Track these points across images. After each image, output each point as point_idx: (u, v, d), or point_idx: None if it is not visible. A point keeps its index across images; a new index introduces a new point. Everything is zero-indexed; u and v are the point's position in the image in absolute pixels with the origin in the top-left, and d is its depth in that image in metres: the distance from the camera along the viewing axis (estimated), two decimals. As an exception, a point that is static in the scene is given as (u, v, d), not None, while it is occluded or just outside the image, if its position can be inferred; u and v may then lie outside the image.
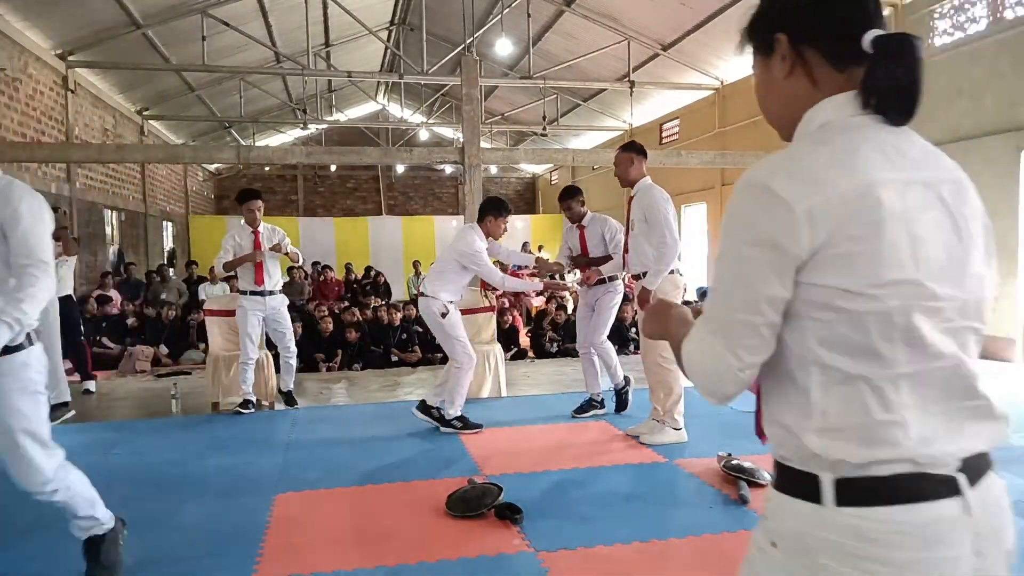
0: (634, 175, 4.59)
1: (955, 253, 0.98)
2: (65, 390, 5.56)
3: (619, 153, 4.70)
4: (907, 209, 0.94)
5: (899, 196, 0.94)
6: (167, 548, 3.01)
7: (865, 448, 0.94)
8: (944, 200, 0.99)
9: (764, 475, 3.66)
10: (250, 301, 5.47)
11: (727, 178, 13.01)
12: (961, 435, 0.98)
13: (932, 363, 0.95)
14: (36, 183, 9.50)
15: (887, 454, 0.93)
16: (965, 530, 0.93)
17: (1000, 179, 7.60)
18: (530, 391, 6.42)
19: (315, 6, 11.90)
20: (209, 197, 22.41)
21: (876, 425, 0.94)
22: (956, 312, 0.97)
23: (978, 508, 0.95)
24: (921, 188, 0.97)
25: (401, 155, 13.47)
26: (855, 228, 0.92)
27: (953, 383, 0.98)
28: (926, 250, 0.94)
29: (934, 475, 0.94)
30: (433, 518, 3.31)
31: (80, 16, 9.65)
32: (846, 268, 0.93)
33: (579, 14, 12.23)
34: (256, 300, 5.47)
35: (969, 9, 8.07)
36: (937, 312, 0.95)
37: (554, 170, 23.66)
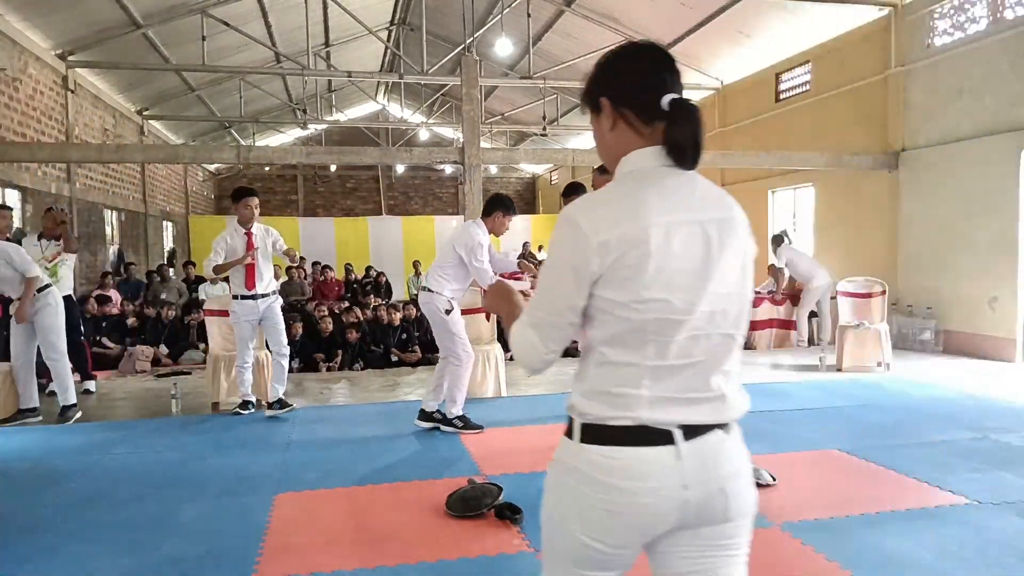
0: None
1: (704, 277, 1.29)
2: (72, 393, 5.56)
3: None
4: (669, 246, 1.26)
5: (665, 236, 1.26)
6: (167, 548, 3.01)
7: (608, 409, 1.29)
8: (708, 235, 1.30)
9: (764, 475, 3.66)
10: (241, 306, 5.30)
11: (727, 178, 13.00)
12: (687, 410, 1.29)
13: (674, 361, 1.28)
14: (36, 183, 9.50)
15: (622, 415, 1.28)
16: (674, 469, 1.27)
17: (1000, 179, 7.60)
18: (530, 391, 6.42)
19: (315, 6, 11.89)
20: (209, 197, 22.41)
21: (620, 395, 1.28)
22: (704, 322, 1.29)
23: (689, 456, 1.27)
24: (688, 227, 1.29)
25: (401, 155, 13.46)
26: (630, 259, 1.25)
27: (688, 376, 1.29)
28: (679, 276, 1.26)
29: (654, 428, 1.27)
30: (433, 518, 3.30)
31: (80, 16, 9.65)
32: (621, 287, 1.25)
33: (579, 14, 12.23)
34: (247, 304, 5.30)
35: (969, 9, 8.07)
36: (682, 322, 1.27)
37: (554, 170, 23.65)
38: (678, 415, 1.28)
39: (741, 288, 1.35)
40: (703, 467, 1.28)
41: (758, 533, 3.06)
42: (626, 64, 1.41)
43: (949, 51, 8.25)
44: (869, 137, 9.45)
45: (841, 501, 3.43)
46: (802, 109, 10.89)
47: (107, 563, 2.88)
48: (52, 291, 5.43)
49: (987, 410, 5.32)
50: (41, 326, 5.35)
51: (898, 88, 8.94)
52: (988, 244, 7.77)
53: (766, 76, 11.77)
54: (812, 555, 2.86)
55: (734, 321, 1.34)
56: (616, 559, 1.32)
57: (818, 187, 10.62)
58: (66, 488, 3.82)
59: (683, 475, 1.27)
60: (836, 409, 5.46)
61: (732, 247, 1.34)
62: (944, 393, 6.01)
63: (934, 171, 8.49)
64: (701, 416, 1.30)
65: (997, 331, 7.73)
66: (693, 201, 1.31)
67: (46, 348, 5.40)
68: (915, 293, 8.78)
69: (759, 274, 11.20)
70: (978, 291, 7.93)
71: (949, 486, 3.61)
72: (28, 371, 5.43)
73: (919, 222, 8.76)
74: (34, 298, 5.25)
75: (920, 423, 4.95)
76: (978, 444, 4.38)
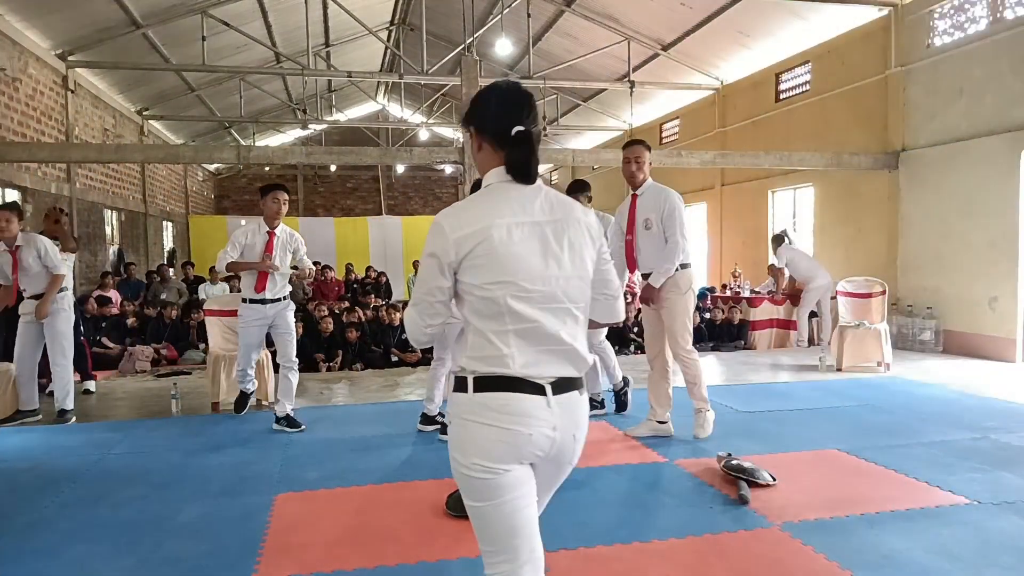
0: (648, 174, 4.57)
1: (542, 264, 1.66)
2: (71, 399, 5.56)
3: (642, 150, 4.51)
4: (511, 241, 1.64)
5: (507, 233, 1.64)
6: (167, 548, 3.01)
7: (488, 367, 1.66)
8: (545, 233, 1.68)
9: (764, 475, 3.66)
10: (250, 309, 4.96)
11: (727, 178, 13.01)
12: (550, 365, 1.67)
13: (526, 324, 1.65)
14: (36, 183, 9.50)
15: (501, 371, 1.64)
16: (546, 415, 1.65)
17: (1000, 179, 7.60)
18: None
19: (315, 6, 11.89)
20: (209, 197, 22.40)
21: (496, 355, 1.65)
22: (544, 298, 1.66)
23: (556, 406, 1.66)
24: (527, 226, 1.67)
25: (401, 155, 13.46)
26: (479, 252, 1.63)
27: (543, 336, 1.67)
28: (520, 263, 1.64)
29: (530, 381, 1.65)
30: (433, 518, 3.30)
31: (80, 16, 9.64)
32: (475, 273, 1.64)
33: (579, 14, 12.23)
34: (256, 309, 4.95)
35: (969, 9, 8.07)
36: (527, 298, 1.65)
37: (554, 170, 23.65)
38: (544, 370, 1.67)
39: (578, 272, 1.72)
40: (565, 416, 1.68)
41: (758, 533, 3.08)
42: (486, 101, 1.77)
43: (949, 51, 8.25)
44: (869, 137, 9.46)
45: (841, 501, 3.43)
46: (802, 109, 10.89)
47: (107, 563, 2.88)
48: (67, 296, 5.43)
49: (987, 410, 5.32)
50: (55, 331, 5.35)
51: (898, 88, 8.94)
52: (988, 244, 7.77)
53: (766, 76, 11.77)
54: (812, 555, 2.86)
55: (573, 297, 1.71)
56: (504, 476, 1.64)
57: (818, 187, 10.62)
58: (66, 488, 3.82)
59: (552, 420, 1.66)
60: (836, 409, 5.46)
61: (568, 242, 1.71)
62: (944, 393, 6.01)
63: (934, 171, 8.49)
64: (562, 369, 1.69)
65: (997, 331, 7.73)
66: (533, 207, 1.70)
67: (55, 353, 5.40)
68: (915, 293, 8.78)
69: (759, 274, 11.21)
70: (978, 291, 7.93)
71: (949, 486, 3.61)
72: (32, 374, 5.43)
73: (919, 222, 8.76)
74: (57, 295, 5.29)
75: (920, 423, 4.95)
76: (978, 444, 4.39)
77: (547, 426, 1.65)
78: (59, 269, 5.29)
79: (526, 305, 1.64)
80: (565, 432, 1.69)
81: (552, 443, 1.67)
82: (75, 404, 5.63)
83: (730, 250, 13.09)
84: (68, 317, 5.42)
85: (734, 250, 12.92)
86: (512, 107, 1.72)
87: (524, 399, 1.64)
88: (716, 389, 6.37)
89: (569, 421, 1.69)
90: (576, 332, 1.72)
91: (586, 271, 1.74)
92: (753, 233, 12.32)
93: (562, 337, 1.68)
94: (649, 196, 4.52)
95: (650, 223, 4.48)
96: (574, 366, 1.71)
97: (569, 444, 1.71)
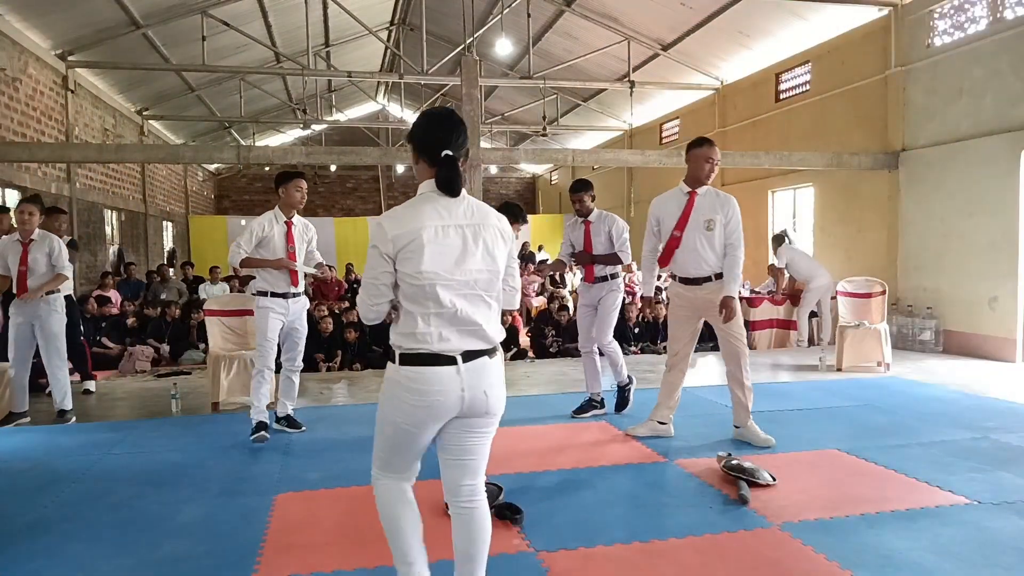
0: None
1: (461, 260, 2.08)
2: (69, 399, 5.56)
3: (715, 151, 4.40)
4: (437, 240, 2.05)
5: (434, 233, 2.05)
6: (167, 548, 3.01)
7: (412, 343, 2.07)
8: (465, 235, 2.10)
9: (764, 475, 3.66)
10: (275, 302, 4.67)
11: (727, 178, 13.00)
12: (462, 341, 2.09)
13: (446, 308, 2.06)
14: (36, 183, 9.50)
15: (422, 347, 2.06)
16: (456, 380, 2.07)
17: (1000, 179, 7.60)
18: (530, 391, 6.42)
19: (315, 6, 11.89)
20: (209, 197, 22.40)
21: (418, 333, 2.06)
22: (463, 287, 2.08)
23: (464, 371, 2.07)
24: (452, 228, 2.08)
25: (401, 155, 13.42)
26: (411, 247, 2.04)
27: (458, 318, 2.08)
28: (442, 258, 2.05)
29: (442, 355, 2.06)
30: (433, 518, 3.30)
31: (80, 16, 9.64)
32: (407, 264, 2.05)
33: (579, 14, 12.23)
34: (281, 302, 4.69)
35: (969, 9, 8.07)
36: (447, 286, 2.05)
37: (554, 170, 23.66)
38: (456, 345, 2.08)
39: (488, 266, 2.13)
40: (473, 378, 2.09)
41: (758, 533, 3.08)
42: (424, 126, 2.20)
43: (949, 51, 8.25)
44: (869, 137, 9.45)
45: (841, 501, 3.43)
46: (802, 109, 10.89)
47: (107, 563, 2.88)
48: (60, 298, 5.44)
49: (987, 410, 5.32)
50: (49, 332, 5.35)
51: (898, 88, 8.94)
52: (988, 244, 7.77)
53: (766, 76, 11.77)
54: (812, 555, 2.86)
55: (484, 287, 2.13)
56: (418, 435, 2.15)
57: (818, 187, 10.62)
58: (66, 488, 3.81)
59: (462, 383, 2.08)
60: (836, 409, 5.46)
61: (483, 242, 2.12)
62: (944, 393, 6.01)
63: (934, 171, 8.49)
64: (472, 344, 2.10)
65: (997, 331, 7.73)
66: (457, 213, 2.11)
67: (51, 354, 5.40)
68: (915, 293, 8.78)
69: (759, 274, 11.21)
70: (978, 291, 7.93)
71: (949, 486, 3.61)
72: (26, 377, 5.43)
73: (919, 222, 8.76)
74: (49, 296, 5.30)
75: (920, 423, 4.95)
76: (978, 444, 4.38)
77: (457, 388, 2.07)
78: (64, 269, 5.35)
79: (446, 291, 2.06)
80: (475, 390, 2.10)
81: (463, 400, 2.09)
82: (74, 404, 5.63)
83: (730, 250, 13.07)
84: (60, 319, 5.42)
85: (734, 250, 12.90)
86: (443, 133, 2.14)
87: (439, 371, 2.06)
88: (716, 389, 6.37)
89: (477, 380, 2.11)
90: (488, 315, 2.14)
91: (496, 266, 2.16)
92: (753, 233, 12.30)
93: (475, 319, 2.10)
94: (711, 198, 4.39)
95: (712, 224, 4.34)
96: (484, 341, 2.13)
97: (480, 398, 2.12)
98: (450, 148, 2.11)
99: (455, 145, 2.13)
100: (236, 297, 7.04)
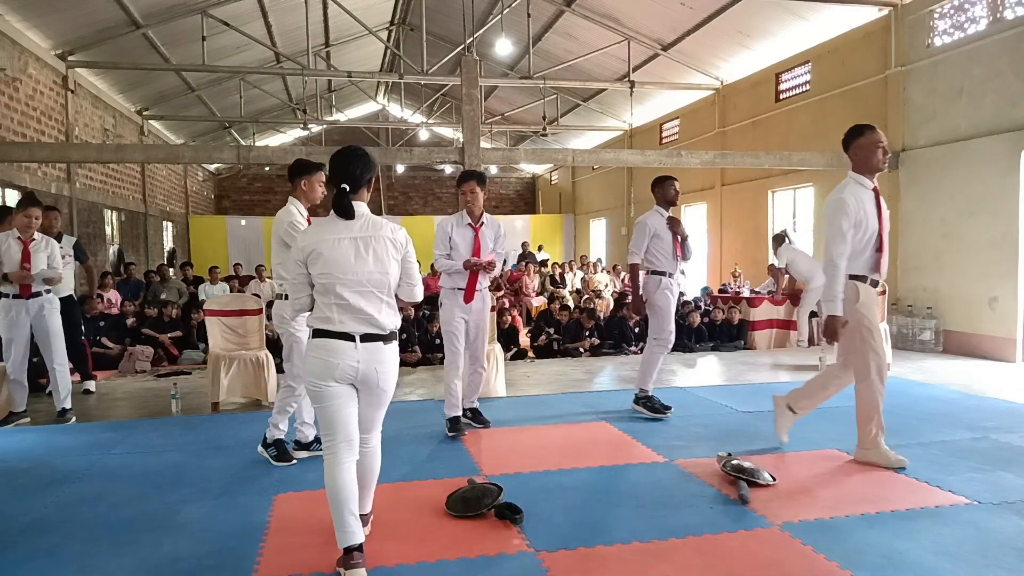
0: None
1: (362, 265, 2.69)
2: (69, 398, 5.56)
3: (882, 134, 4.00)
4: (334, 249, 2.68)
5: (332, 244, 2.69)
6: (167, 548, 3.01)
7: (323, 324, 2.72)
8: (358, 245, 2.70)
9: (764, 475, 3.66)
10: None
11: (727, 178, 13.01)
12: (359, 326, 2.70)
13: (343, 301, 2.68)
14: (36, 183, 9.50)
15: (328, 327, 2.71)
16: (352, 353, 2.69)
17: (1000, 179, 7.60)
18: (530, 391, 6.42)
19: (315, 6, 11.89)
20: (209, 197, 22.40)
21: (326, 318, 2.71)
22: (356, 284, 2.68)
23: (361, 349, 2.70)
24: (346, 240, 2.69)
25: (401, 155, 13.46)
26: (315, 255, 2.69)
27: (353, 309, 2.69)
28: (339, 263, 2.68)
29: (344, 333, 2.69)
30: (433, 518, 3.31)
31: (80, 16, 9.64)
32: (314, 267, 2.70)
33: (579, 14, 12.23)
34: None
35: (969, 9, 8.07)
36: (343, 284, 2.67)
37: (554, 170, 23.66)
38: (355, 328, 2.71)
39: (379, 269, 2.73)
40: (368, 355, 2.72)
41: (758, 533, 3.08)
42: (332, 162, 2.82)
43: (949, 51, 8.25)
44: (869, 137, 9.44)
45: (841, 501, 3.43)
46: (802, 109, 10.90)
47: (107, 563, 2.88)
48: (55, 298, 5.45)
49: (987, 410, 5.32)
50: (48, 331, 5.36)
51: (898, 88, 8.94)
52: (988, 244, 7.77)
53: (766, 76, 11.77)
54: (812, 555, 2.86)
55: (376, 285, 2.73)
56: (330, 390, 2.72)
57: (818, 187, 10.62)
58: (66, 488, 3.81)
59: (357, 356, 2.71)
60: (836, 409, 5.45)
61: (373, 250, 2.72)
62: (944, 393, 6.01)
63: (934, 171, 8.49)
64: (367, 329, 2.72)
65: (997, 331, 7.73)
66: (353, 228, 2.72)
67: (51, 353, 5.41)
68: (915, 293, 8.78)
69: (759, 274, 11.21)
70: (978, 291, 7.93)
71: (949, 486, 3.61)
72: (24, 376, 5.44)
73: (919, 222, 8.76)
74: (47, 295, 5.34)
75: (920, 423, 4.96)
76: (978, 444, 4.38)
77: (352, 360, 2.70)
78: (59, 271, 5.43)
79: (343, 288, 2.69)
80: (368, 365, 2.72)
81: (357, 371, 2.71)
82: (74, 404, 5.63)
83: (730, 250, 13.09)
84: (58, 318, 5.44)
85: (734, 250, 12.92)
86: (344, 169, 2.76)
87: (340, 343, 2.70)
88: (716, 389, 6.37)
89: (370, 357, 2.72)
90: (380, 307, 2.74)
91: (385, 269, 2.74)
92: (753, 233, 12.32)
93: (367, 311, 2.71)
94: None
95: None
96: (376, 328, 2.74)
97: (372, 374, 2.73)
98: (346, 182, 2.73)
99: (351, 179, 2.74)
100: (236, 297, 7.03)
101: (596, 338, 9.01)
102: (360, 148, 2.85)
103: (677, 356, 8.64)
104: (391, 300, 2.77)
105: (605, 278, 13.41)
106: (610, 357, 8.63)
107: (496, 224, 4.91)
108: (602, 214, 19.37)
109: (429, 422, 5.14)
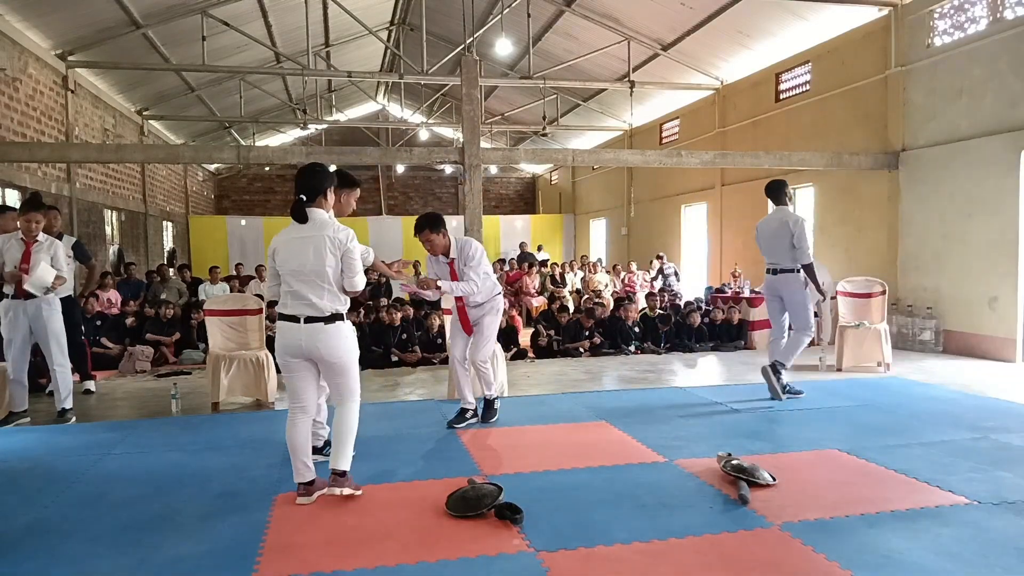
0: None
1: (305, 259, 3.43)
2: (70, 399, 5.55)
3: None
4: (288, 246, 3.48)
5: (287, 242, 3.49)
6: (167, 548, 3.01)
7: (281, 309, 3.52)
8: (306, 242, 3.45)
9: (764, 475, 3.66)
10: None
11: (727, 178, 13.01)
12: (303, 309, 3.45)
13: (292, 288, 3.47)
14: (36, 183, 9.50)
15: (284, 311, 3.50)
16: (297, 332, 3.46)
17: (1000, 179, 7.60)
18: (530, 391, 6.42)
19: (315, 6, 11.89)
20: (209, 197, 22.39)
21: (283, 303, 3.52)
22: (300, 275, 3.44)
23: (304, 328, 3.45)
24: (298, 240, 3.47)
25: (401, 155, 13.46)
26: (277, 252, 3.51)
27: (299, 295, 3.45)
28: (290, 258, 3.46)
29: (292, 316, 3.47)
30: (433, 518, 3.31)
31: (80, 16, 9.64)
32: (276, 262, 3.51)
33: (579, 14, 12.23)
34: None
35: (969, 9, 8.07)
36: (292, 275, 3.46)
37: (554, 170, 23.65)
38: (300, 311, 3.42)
39: (319, 262, 3.40)
40: (309, 334, 3.42)
41: (758, 533, 3.08)
42: (296, 178, 3.50)
43: (949, 51, 8.25)
44: (869, 137, 9.45)
45: (841, 501, 3.43)
46: (802, 109, 10.89)
47: (107, 563, 2.88)
48: (56, 299, 5.45)
49: (987, 410, 5.32)
50: (49, 331, 5.36)
51: (898, 88, 8.94)
52: (988, 244, 7.77)
53: (766, 76, 11.77)
54: (812, 555, 2.86)
55: (316, 276, 3.40)
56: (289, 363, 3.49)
57: (818, 187, 10.62)
58: (66, 488, 3.82)
59: (301, 335, 3.42)
60: (836, 409, 5.46)
61: (314, 247, 3.40)
62: (944, 393, 6.01)
63: (934, 171, 8.49)
64: (309, 312, 3.41)
65: (997, 331, 7.73)
66: (304, 230, 3.43)
67: (53, 353, 5.41)
68: (915, 293, 8.78)
69: (759, 274, 11.19)
70: (978, 291, 7.93)
71: (949, 486, 3.61)
72: (24, 376, 5.44)
73: (919, 222, 8.76)
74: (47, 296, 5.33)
75: (920, 423, 4.95)
76: (978, 444, 4.38)
77: (298, 338, 3.42)
78: (63, 272, 5.40)
79: (292, 278, 3.42)
80: (310, 341, 3.41)
81: (302, 346, 3.42)
82: (74, 404, 5.63)
83: (730, 250, 13.09)
84: (58, 317, 5.44)
85: (734, 250, 12.91)
86: (302, 182, 3.48)
87: (290, 324, 3.44)
88: (716, 389, 6.37)
89: (312, 335, 3.41)
90: (320, 293, 3.42)
91: (323, 262, 3.40)
92: (753, 233, 12.30)
93: (308, 297, 3.41)
94: None
95: None
96: (317, 311, 3.41)
97: (315, 348, 3.42)
98: (304, 193, 3.44)
99: (309, 190, 3.45)
100: (236, 297, 7.03)
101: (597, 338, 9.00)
102: (319, 164, 3.56)
103: (677, 356, 8.64)
104: (332, 288, 3.43)
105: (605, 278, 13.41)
106: (610, 357, 8.63)
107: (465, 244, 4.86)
108: (602, 214, 19.37)
109: (429, 422, 5.14)
